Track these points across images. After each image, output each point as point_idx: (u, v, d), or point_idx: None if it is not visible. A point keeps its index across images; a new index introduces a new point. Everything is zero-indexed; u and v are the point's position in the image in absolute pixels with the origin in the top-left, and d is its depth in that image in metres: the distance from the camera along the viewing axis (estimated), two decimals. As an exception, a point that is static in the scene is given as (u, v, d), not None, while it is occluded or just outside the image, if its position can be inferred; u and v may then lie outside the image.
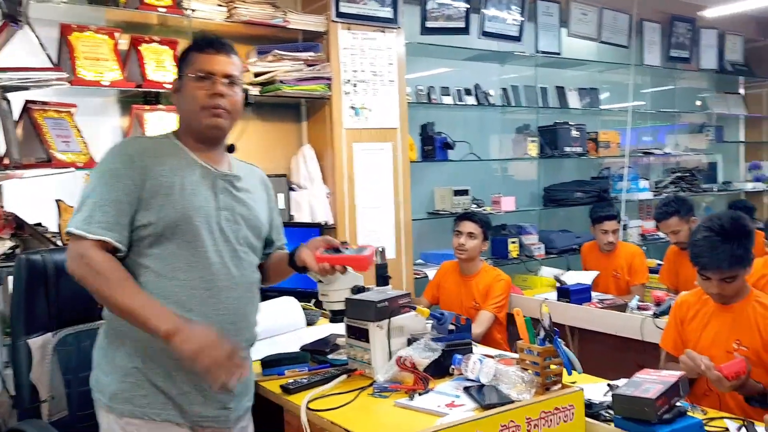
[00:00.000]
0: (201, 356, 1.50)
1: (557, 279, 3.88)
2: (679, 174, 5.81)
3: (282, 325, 2.50)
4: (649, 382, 1.77)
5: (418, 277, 4.00)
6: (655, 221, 3.97)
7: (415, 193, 4.02)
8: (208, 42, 1.75)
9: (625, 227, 4.90)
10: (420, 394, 1.74)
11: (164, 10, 3.08)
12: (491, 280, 3.43)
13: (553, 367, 1.70)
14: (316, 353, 2.14)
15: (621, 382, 1.90)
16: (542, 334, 1.72)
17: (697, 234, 2.28)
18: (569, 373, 1.70)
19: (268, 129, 3.77)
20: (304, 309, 2.68)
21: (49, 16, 2.90)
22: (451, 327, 2.00)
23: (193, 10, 3.17)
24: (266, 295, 2.72)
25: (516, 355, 1.85)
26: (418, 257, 4.26)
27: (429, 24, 4.10)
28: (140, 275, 1.65)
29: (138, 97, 3.20)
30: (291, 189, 3.72)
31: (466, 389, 1.75)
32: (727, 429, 1.80)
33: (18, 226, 2.54)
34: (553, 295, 3.69)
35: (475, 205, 4.43)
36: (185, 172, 1.69)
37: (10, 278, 2.39)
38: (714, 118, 6.27)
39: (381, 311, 1.93)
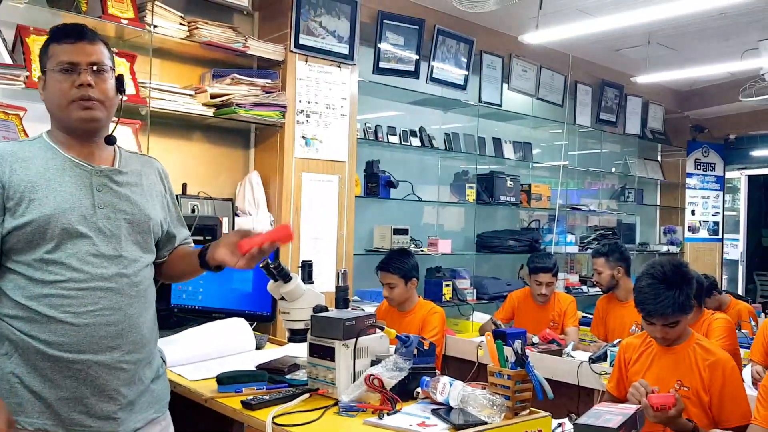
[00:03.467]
0: None
1: (494, 322, 3.96)
2: (601, 232, 6.10)
3: (231, 347, 2.43)
4: (609, 414, 1.83)
5: (356, 312, 3.97)
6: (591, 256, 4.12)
7: (355, 228, 4.03)
8: (66, 31, 1.64)
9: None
10: (388, 415, 1.72)
11: (126, 22, 3.02)
12: (426, 314, 3.45)
13: (523, 392, 1.73)
14: (274, 372, 2.08)
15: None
16: (513, 358, 1.74)
17: (641, 281, 2.40)
18: (540, 398, 1.73)
19: (215, 153, 3.72)
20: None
21: (6, 17, 2.81)
22: (415, 351, 1.99)
23: (155, 26, 3.13)
24: (214, 316, 2.67)
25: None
26: (353, 294, 4.25)
27: (382, 65, 4.20)
28: (11, 280, 1.58)
29: (87, 107, 3.09)
30: (236, 215, 3.66)
31: (434, 411, 1.75)
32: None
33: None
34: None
35: (413, 245, 4.49)
36: (54, 173, 1.60)
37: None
38: (635, 181, 6.66)
39: (348, 330, 1.91)
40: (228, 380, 1.99)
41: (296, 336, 2.11)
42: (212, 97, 3.33)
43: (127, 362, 1.61)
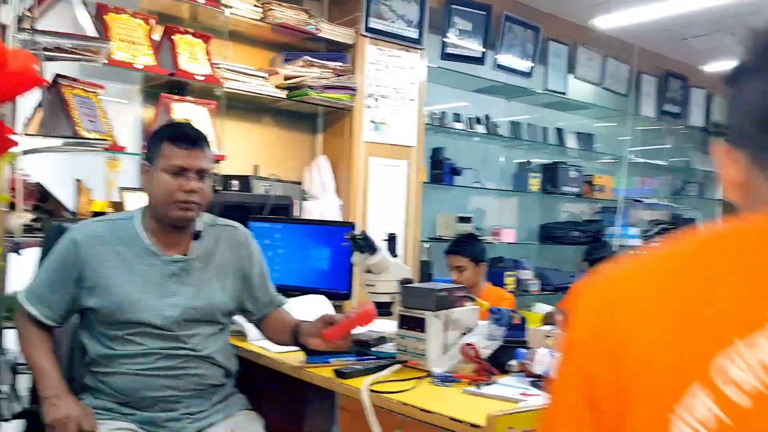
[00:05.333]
0: (58, 425, 1.66)
1: (560, 311, 3.87)
2: (664, 225, 5.94)
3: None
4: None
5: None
6: None
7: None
8: (182, 135, 1.79)
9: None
10: (486, 385, 1.68)
11: (203, 1, 3.05)
12: (495, 299, 3.38)
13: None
14: (361, 345, 2.06)
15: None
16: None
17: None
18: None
19: (285, 137, 3.74)
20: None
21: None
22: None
23: (229, 7, 3.15)
24: (290, 294, 2.66)
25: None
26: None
27: (449, 50, 4.16)
28: (88, 349, 1.79)
29: (164, 88, 3.13)
30: (304, 198, 3.66)
31: (533, 383, 1.70)
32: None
33: (41, 198, 2.43)
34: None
35: (477, 233, 4.43)
36: (130, 262, 1.78)
37: (29, 250, 2.28)
38: (697, 175, 6.47)
39: (440, 301, 1.88)
40: (316, 351, 1.97)
41: (381, 309, 2.08)
42: (285, 79, 3.34)
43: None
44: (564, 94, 4.96)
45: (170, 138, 1.78)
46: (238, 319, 2.10)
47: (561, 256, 5.21)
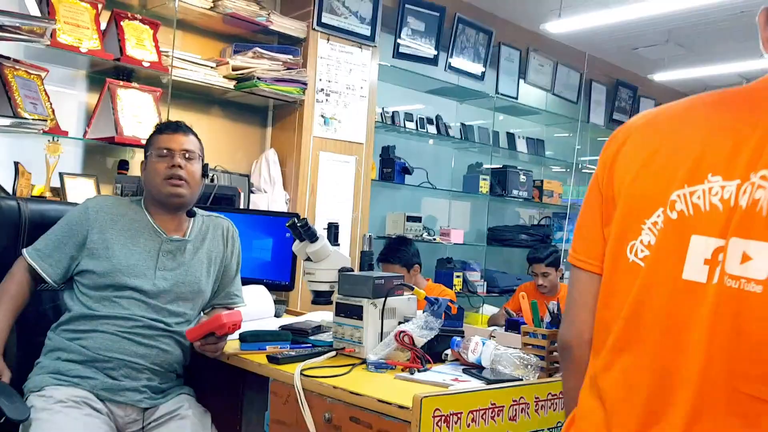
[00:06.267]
0: None
1: (506, 311, 3.92)
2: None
3: (251, 313, 2.38)
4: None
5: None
6: None
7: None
8: (167, 125, 2.04)
9: (561, 277, 5.03)
10: (419, 372, 1.69)
11: (151, -13, 3.01)
12: (437, 295, 3.41)
13: (557, 352, 1.70)
14: (297, 333, 2.05)
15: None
16: (548, 317, 1.72)
17: None
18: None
19: (233, 129, 3.70)
20: (271, 301, 2.58)
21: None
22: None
23: (179, -6, 3.11)
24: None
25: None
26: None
27: (401, 50, 4.18)
28: (70, 308, 1.88)
29: (109, 73, 3.07)
30: (251, 191, 3.63)
31: (466, 370, 1.72)
32: None
33: (-26, 179, 2.35)
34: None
35: (426, 234, 4.46)
36: (133, 233, 1.94)
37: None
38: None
39: (378, 288, 1.88)
40: (251, 338, 1.94)
41: (320, 298, 2.08)
42: (234, 69, 3.31)
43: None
44: (515, 98, 5.03)
45: (158, 129, 2.03)
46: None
47: (508, 258, 5.28)
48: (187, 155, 1.97)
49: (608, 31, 4.72)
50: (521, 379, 1.61)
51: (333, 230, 2.16)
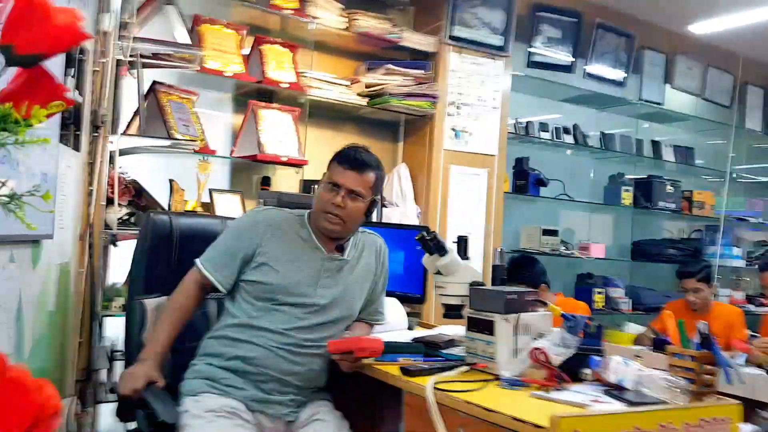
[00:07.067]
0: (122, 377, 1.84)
1: (653, 330, 3.69)
2: (770, 248, 5.55)
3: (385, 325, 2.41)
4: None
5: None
6: (758, 270, 3.70)
7: (503, 227, 3.93)
8: (346, 156, 2.00)
9: (714, 296, 4.66)
10: (556, 391, 1.62)
11: (290, 12, 3.14)
12: (569, 309, 3.23)
13: (708, 375, 1.56)
14: (430, 346, 2.03)
15: None
16: (698, 338, 1.59)
17: None
18: (728, 382, 1.56)
19: (366, 145, 3.76)
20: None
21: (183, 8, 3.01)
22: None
23: (316, 18, 3.23)
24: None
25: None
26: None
27: (535, 58, 4.09)
28: (234, 314, 1.93)
29: (252, 95, 3.24)
30: (383, 206, 3.68)
31: (607, 392, 1.62)
32: None
33: (136, 194, 2.56)
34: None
35: (563, 248, 4.31)
36: (298, 250, 1.97)
37: (123, 243, 2.41)
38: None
39: (510, 304, 1.83)
40: (386, 349, 1.96)
41: (451, 312, 2.06)
42: (366, 87, 3.39)
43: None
44: (660, 104, 4.75)
45: (338, 157, 2.02)
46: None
47: (655, 274, 4.97)
48: (352, 194, 1.95)
49: (764, 29, 4.35)
50: (667, 403, 1.49)
51: (463, 244, 2.13)
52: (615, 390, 1.62)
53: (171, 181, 2.82)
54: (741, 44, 4.86)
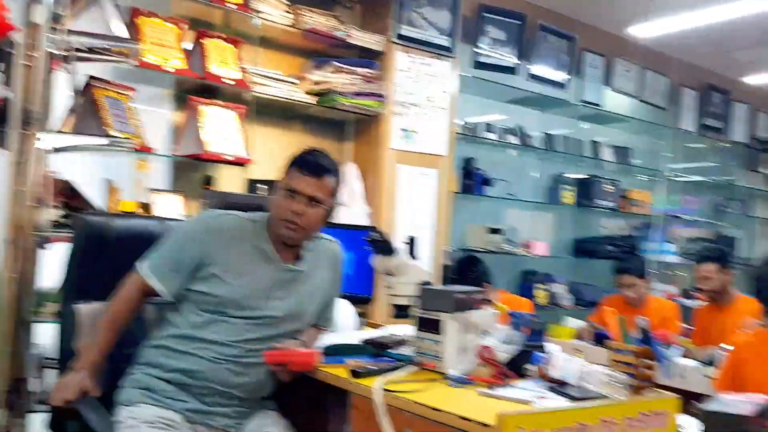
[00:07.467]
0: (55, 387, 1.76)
1: (592, 325, 3.77)
2: (705, 244, 5.75)
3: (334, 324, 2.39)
4: (740, 402, 1.67)
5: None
6: (695, 262, 3.83)
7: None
8: (306, 163, 1.91)
9: (650, 290, 4.81)
10: (501, 388, 1.63)
11: (234, 6, 3.08)
12: (514, 306, 3.30)
13: (648, 369, 1.60)
14: (378, 347, 2.02)
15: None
16: (638, 333, 1.62)
17: (765, 268, 2.22)
18: (666, 377, 1.60)
19: (313, 144, 3.67)
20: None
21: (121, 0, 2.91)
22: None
23: (260, 12, 3.18)
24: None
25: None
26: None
27: (481, 59, 4.13)
28: (177, 325, 1.85)
29: (194, 91, 3.16)
30: (331, 205, 3.65)
31: (551, 388, 1.64)
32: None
33: (70, 196, 2.46)
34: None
35: (508, 246, 4.37)
36: (251, 260, 1.88)
37: (57, 245, 2.31)
38: (739, 192, 6.27)
39: (459, 302, 1.83)
40: (333, 352, 1.94)
41: (401, 312, 2.06)
42: (314, 84, 3.35)
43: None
44: (600, 106, 4.87)
45: (296, 162, 1.92)
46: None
47: (595, 271, 5.09)
48: (312, 201, 1.88)
49: (698, 33, 4.51)
50: (609, 397, 1.52)
51: (412, 244, 2.13)
52: (558, 386, 1.64)
53: (107, 181, 2.73)
54: (676, 47, 5.03)
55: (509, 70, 4.26)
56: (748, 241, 6.62)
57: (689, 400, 2.50)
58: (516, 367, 1.78)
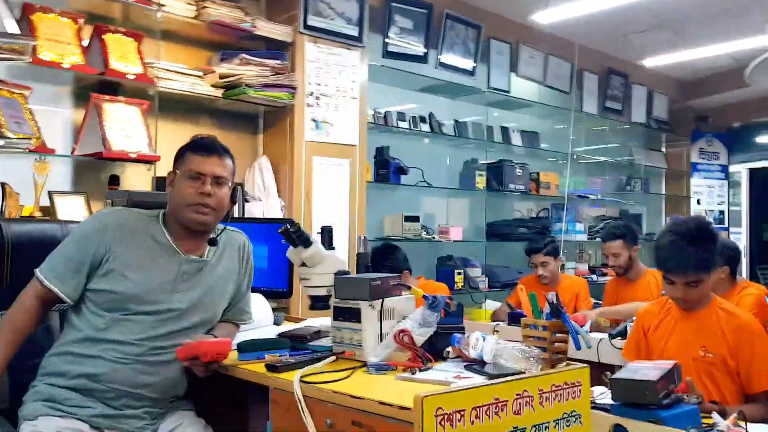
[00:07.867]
0: None
1: (508, 305, 3.90)
2: (609, 222, 6.02)
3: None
4: (646, 369, 1.77)
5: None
6: (601, 240, 4.01)
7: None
8: (202, 144, 1.92)
9: (562, 267, 5.00)
10: (420, 371, 1.66)
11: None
12: (430, 291, 3.36)
13: (559, 343, 1.67)
14: (296, 339, 2.01)
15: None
16: (548, 309, 1.68)
17: (663, 238, 2.31)
18: (577, 348, 1.67)
19: (224, 138, 3.57)
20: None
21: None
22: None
23: (162, 5, 3.08)
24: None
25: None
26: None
27: (390, 49, 4.16)
28: (79, 328, 1.79)
29: (95, 88, 3.04)
30: (245, 200, 3.60)
31: (468, 366, 1.69)
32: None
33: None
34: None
35: (424, 233, 4.43)
36: (152, 253, 1.86)
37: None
38: (641, 170, 6.60)
39: (375, 290, 1.85)
40: (249, 347, 1.91)
41: (318, 303, 2.05)
42: (221, 77, 3.29)
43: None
44: (507, 92, 5.01)
45: (191, 147, 1.92)
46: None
47: (509, 253, 5.24)
48: (219, 181, 1.89)
49: (597, 18, 4.70)
50: (524, 372, 1.57)
51: (327, 234, 2.12)
52: (475, 365, 1.68)
53: (3, 184, 2.59)
54: (577, 33, 5.22)
55: (419, 58, 4.31)
56: (652, 216, 6.98)
57: (603, 372, 2.64)
58: (434, 350, 1.81)
